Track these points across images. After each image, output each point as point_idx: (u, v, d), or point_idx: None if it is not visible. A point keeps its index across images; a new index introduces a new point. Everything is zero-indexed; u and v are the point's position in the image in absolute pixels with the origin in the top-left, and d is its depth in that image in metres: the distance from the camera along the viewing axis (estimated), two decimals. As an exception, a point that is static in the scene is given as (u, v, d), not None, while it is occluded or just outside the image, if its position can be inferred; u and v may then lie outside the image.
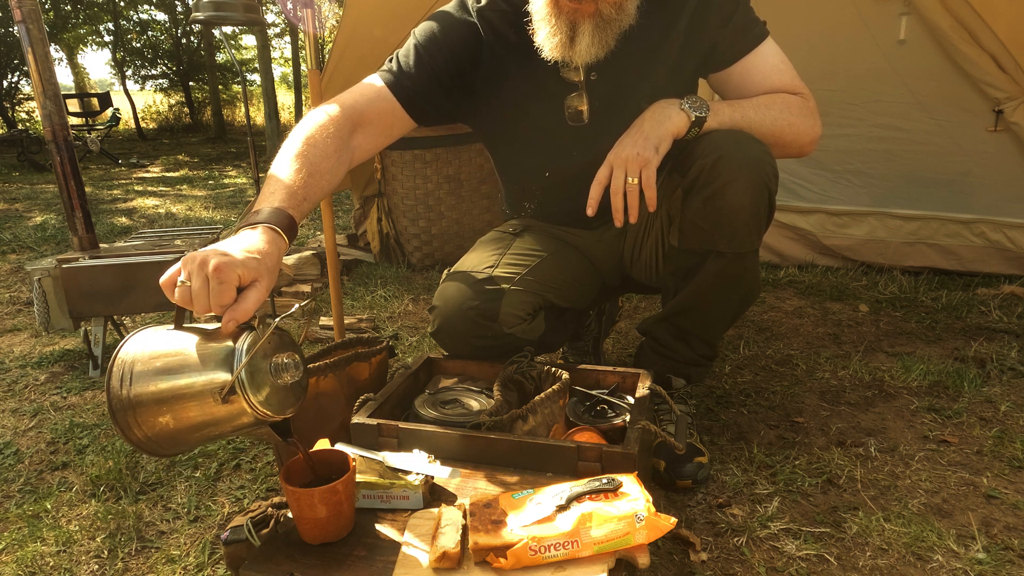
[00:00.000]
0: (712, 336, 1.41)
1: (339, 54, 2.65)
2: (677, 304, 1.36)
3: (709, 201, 1.21)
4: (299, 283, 2.77)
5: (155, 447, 0.86)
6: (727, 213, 1.21)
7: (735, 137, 1.21)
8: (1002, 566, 1.12)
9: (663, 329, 1.41)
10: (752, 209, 1.21)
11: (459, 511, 0.93)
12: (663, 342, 1.42)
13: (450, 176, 2.94)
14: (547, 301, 1.44)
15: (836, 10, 2.54)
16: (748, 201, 1.20)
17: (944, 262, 2.59)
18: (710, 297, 1.31)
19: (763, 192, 1.21)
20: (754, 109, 1.26)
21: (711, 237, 1.25)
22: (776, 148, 1.27)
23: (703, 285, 1.30)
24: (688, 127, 1.21)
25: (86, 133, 8.93)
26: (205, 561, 1.20)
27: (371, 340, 1.45)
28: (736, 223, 1.22)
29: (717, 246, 1.25)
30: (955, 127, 2.49)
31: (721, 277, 1.28)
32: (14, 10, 1.86)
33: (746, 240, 1.24)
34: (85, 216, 2.06)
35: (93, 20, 14.08)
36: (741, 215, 1.21)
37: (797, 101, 1.29)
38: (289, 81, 17.67)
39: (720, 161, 1.19)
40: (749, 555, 1.17)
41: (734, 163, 1.18)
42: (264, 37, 10.18)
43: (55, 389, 1.95)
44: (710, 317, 1.36)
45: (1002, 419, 1.59)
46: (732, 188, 1.19)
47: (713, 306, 1.34)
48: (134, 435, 0.84)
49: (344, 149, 1.17)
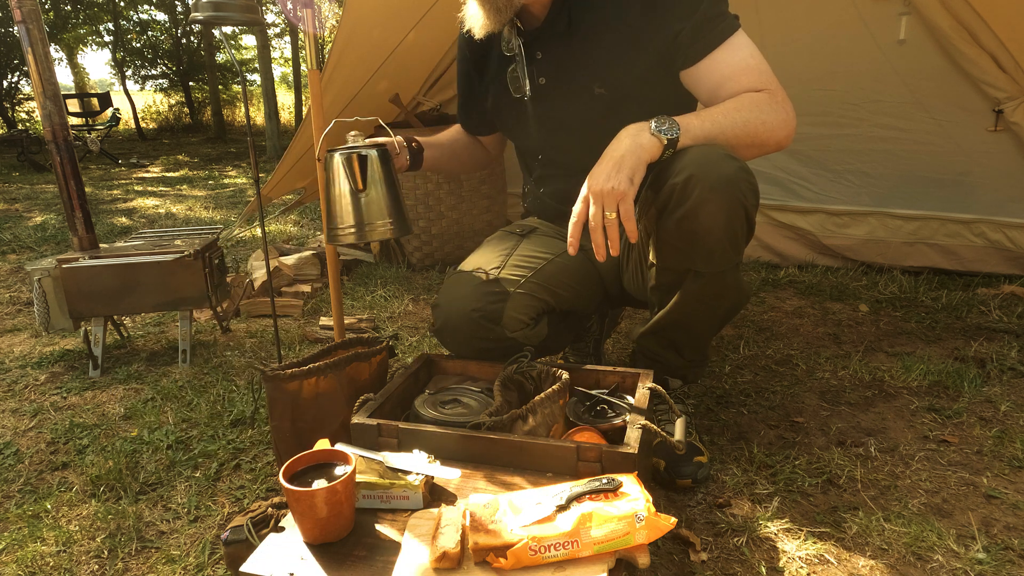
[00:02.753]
0: (701, 345, 1.40)
1: (339, 54, 2.65)
2: (663, 319, 1.33)
3: (682, 222, 1.18)
4: (299, 283, 2.77)
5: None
6: (700, 234, 1.17)
7: (707, 155, 1.16)
8: (1002, 566, 1.12)
9: (652, 341, 1.40)
10: (726, 229, 1.17)
11: (459, 511, 0.93)
12: (654, 351, 1.41)
13: (450, 176, 2.94)
14: (551, 306, 1.43)
15: (836, 10, 2.54)
16: (722, 221, 1.16)
17: (944, 262, 2.59)
18: (694, 313, 1.30)
19: (738, 211, 1.16)
20: (724, 115, 1.22)
21: (688, 257, 1.22)
22: (754, 148, 1.24)
23: (684, 303, 1.28)
24: (662, 151, 1.18)
25: (86, 133, 8.92)
26: (205, 561, 1.20)
27: (371, 340, 1.45)
28: (710, 243, 1.18)
29: (695, 265, 1.22)
30: (955, 127, 2.49)
31: (701, 295, 1.26)
32: (14, 10, 1.86)
33: (722, 259, 1.20)
34: (85, 216, 2.06)
35: (93, 20, 14.08)
36: (714, 235, 1.17)
37: (764, 98, 1.24)
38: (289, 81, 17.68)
39: (690, 181, 1.15)
40: (749, 555, 1.17)
41: (706, 183, 1.14)
42: (264, 37, 10.18)
43: (55, 389, 1.95)
44: (695, 330, 1.35)
45: (1002, 419, 1.59)
46: (704, 209, 1.15)
47: (697, 320, 1.32)
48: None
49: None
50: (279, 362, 1.36)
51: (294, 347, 2.22)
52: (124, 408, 1.80)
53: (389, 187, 1.31)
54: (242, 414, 1.72)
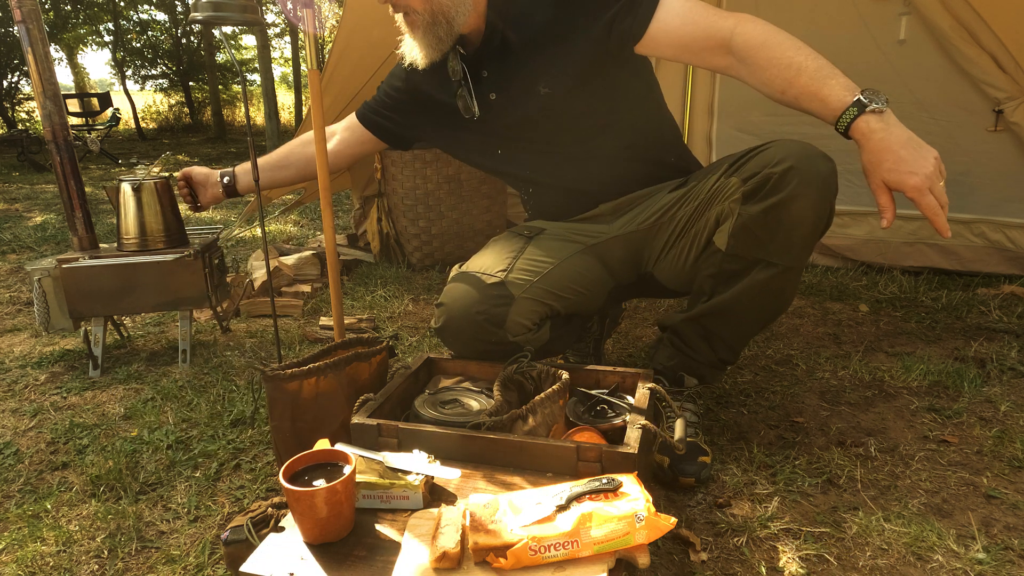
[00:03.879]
0: (739, 342, 1.41)
1: (339, 54, 2.66)
2: (711, 306, 1.35)
3: (772, 210, 1.20)
4: (299, 283, 2.77)
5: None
6: (788, 225, 1.20)
7: (807, 150, 1.20)
8: (1002, 566, 1.12)
9: (689, 327, 1.40)
10: (813, 225, 1.21)
11: (459, 511, 0.93)
12: (686, 339, 1.41)
13: (450, 176, 2.94)
14: (555, 310, 1.44)
15: (836, 10, 2.54)
16: (811, 216, 1.20)
17: (944, 262, 2.59)
18: (749, 305, 1.31)
19: (826, 210, 1.21)
20: (816, 61, 1.21)
21: (765, 246, 1.24)
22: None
23: (745, 292, 1.29)
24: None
25: (86, 133, 8.92)
26: (205, 561, 1.20)
27: (371, 340, 1.45)
28: (795, 236, 1.21)
29: (770, 256, 1.24)
30: (955, 127, 2.49)
31: (766, 287, 1.27)
32: (14, 10, 1.86)
33: (799, 254, 1.24)
34: (85, 216, 2.06)
35: (93, 20, 14.08)
36: (801, 229, 1.21)
37: (766, 27, 1.25)
38: (289, 81, 17.68)
39: (790, 172, 1.18)
40: (749, 555, 1.17)
41: (805, 177, 1.18)
42: (264, 37, 10.18)
43: (55, 389, 1.95)
44: (742, 324, 1.36)
45: (1002, 419, 1.59)
46: (799, 202, 1.18)
47: (748, 314, 1.33)
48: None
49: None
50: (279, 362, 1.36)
51: (294, 347, 2.22)
52: (124, 408, 1.80)
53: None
54: (242, 414, 1.72)
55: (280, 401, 1.27)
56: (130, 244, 2.05)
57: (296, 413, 1.27)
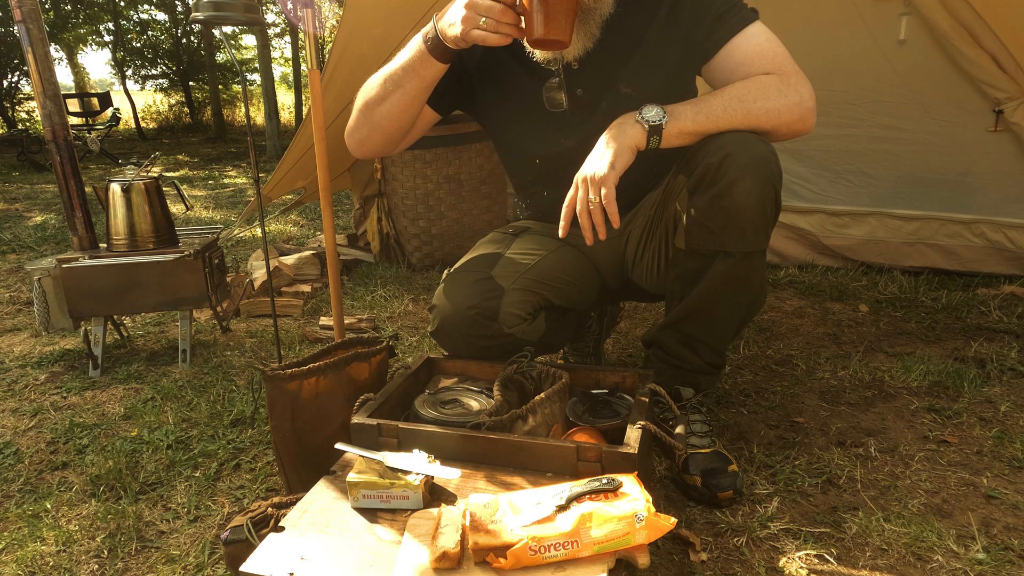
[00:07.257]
0: (719, 342, 1.39)
1: (339, 54, 2.65)
2: (683, 309, 1.34)
3: (715, 200, 1.21)
4: (299, 283, 2.77)
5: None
6: (734, 211, 1.21)
7: (741, 136, 1.21)
8: (1002, 566, 1.12)
9: (669, 337, 1.39)
10: (758, 207, 1.21)
11: (459, 511, 0.93)
12: (670, 350, 1.40)
13: (450, 176, 2.94)
14: (547, 301, 1.43)
15: (836, 10, 2.54)
16: (754, 200, 1.20)
17: (944, 262, 2.59)
18: (718, 300, 1.30)
19: (769, 190, 1.21)
20: (721, 103, 1.22)
21: (718, 237, 1.24)
22: (763, 134, 1.24)
23: (711, 287, 1.28)
24: (647, 137, 1.21)
25: (86, 133, 8.91)
26: (205, 561, 1.20)
27: (371, 340, 1.45)
28: (743, 221, 1.21)
29: (725, 246, 1.24)
30: (955, 127, 2.48)
31: (729, 278, 1.27)
32: (14, 10, 1.86)
33: (753, 239, 1.24)
34: (85, 216, 2.06)
35: (93, 20, 14.08)
36: (747, 213, 1.21)
37: (771, 81, 1.23)
38: (289, 81, 17.66)
39: (726, 160, 1.19)
40: (749, 555, 1.17)
41: (739, 162, 1.18)
42: (264, 37, 10.18)
43: (55, 389, 1.95)
44: (718, 321, 1.34)
45: (1002, 419, 1.59)
46: (738, 186, 1.19)
47: (721, 309, 1.32)
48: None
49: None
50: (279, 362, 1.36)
51: (294, 347, 2.22)
52: (124, 408, 1.80)
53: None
54: (242, 414, 1.72)
55: (280, 401, 1.27)
56: (119, 245, 2.06)
57: (296, 413, 1.27)
